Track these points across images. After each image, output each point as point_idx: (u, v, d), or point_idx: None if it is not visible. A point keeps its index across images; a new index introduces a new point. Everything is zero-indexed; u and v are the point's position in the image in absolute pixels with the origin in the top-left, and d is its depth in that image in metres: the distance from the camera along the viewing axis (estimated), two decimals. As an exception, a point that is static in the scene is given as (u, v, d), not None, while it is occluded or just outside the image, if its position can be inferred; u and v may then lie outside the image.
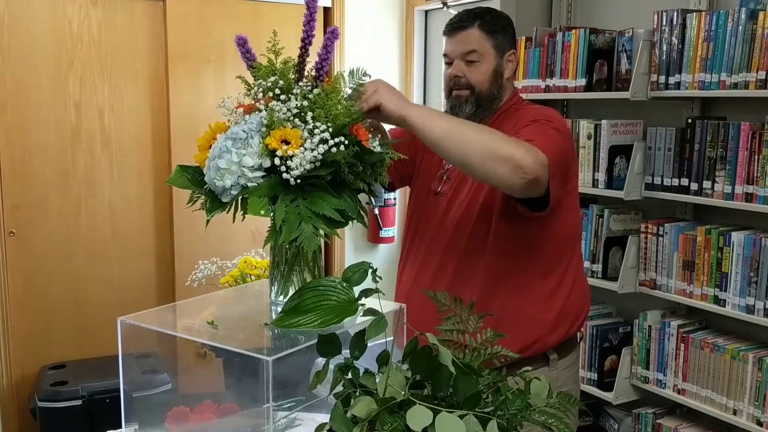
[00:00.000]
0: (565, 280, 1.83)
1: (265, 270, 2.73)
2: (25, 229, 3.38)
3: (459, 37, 1.82)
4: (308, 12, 1.30)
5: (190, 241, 3.66)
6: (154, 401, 1.47)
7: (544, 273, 1.80)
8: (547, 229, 1.78)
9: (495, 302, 1.74)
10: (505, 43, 1.83)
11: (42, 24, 3.34)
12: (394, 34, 4.14)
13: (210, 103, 3.62)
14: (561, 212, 1.77)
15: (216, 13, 3.66)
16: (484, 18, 1.82)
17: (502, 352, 1.10)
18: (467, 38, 1.81)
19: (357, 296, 1.15)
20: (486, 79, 1.81)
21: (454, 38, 1.84)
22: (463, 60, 1.81)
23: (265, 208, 1.18)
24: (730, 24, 2.35)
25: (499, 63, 1.82)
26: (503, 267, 1.77)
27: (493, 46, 1.81)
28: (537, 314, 1.78)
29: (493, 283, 1.77)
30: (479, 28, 1.81)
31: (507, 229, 1.75)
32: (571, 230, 1.86)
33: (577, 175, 1.91)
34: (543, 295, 1.79)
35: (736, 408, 2.41)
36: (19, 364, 3.42)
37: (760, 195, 2.30)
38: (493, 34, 1.81)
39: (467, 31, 1.81)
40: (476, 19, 1.82)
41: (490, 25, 1.82)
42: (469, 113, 1.80)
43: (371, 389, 1.00)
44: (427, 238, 1.87)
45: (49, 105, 3.38)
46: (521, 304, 1.76)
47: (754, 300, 2.34)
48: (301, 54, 1.32)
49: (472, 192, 1.80)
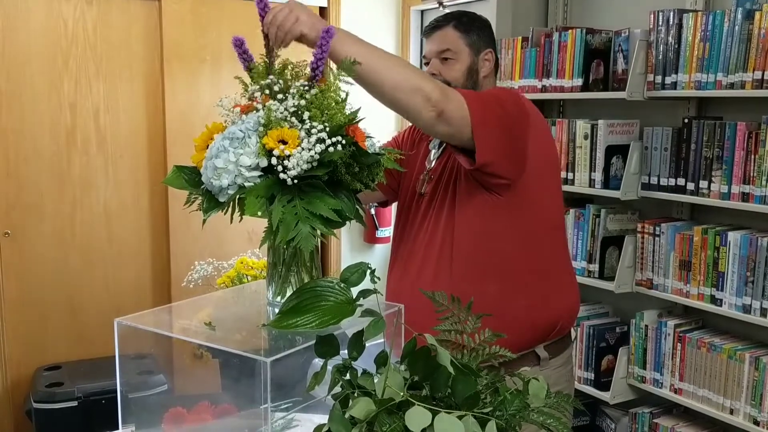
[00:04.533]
0: (551, 277, 1.81)
1: (261, 271, 2.73)
2: (20, 230, 3.37)
3: (435, 37, 1.88)
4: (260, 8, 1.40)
5: (185, 241, 3.66)
6: (151, 402, 1.46)
7: (528, 270, 1.77)
8: (515, 217, 1.76)
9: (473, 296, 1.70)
10: (481, 42, 1.88)
11: (37, 24, 3.33)
12: (390, 33, 4.14)
13: (205, 103, 3.62)
14: (534, 203, 1.77)
15: (211, 13, 3.65)
16: (459, 19, 1.88)
17: (498, 351, 1.10)
18: (443, 38, 1.87)
19: (355, 297, 1.15)
20: (460, 76, 1.85)
21: (430, 38, 1.90)
22: (439, 59, 1.86)
23: (263, 209, 1.18)
24: (726, 24, 2.36)
25: (474, 61, 1.87)
26: (478, 260, 1.76)
27: (468, 45, 1.86)
28: (523, 313, 1.74)
29: (470, 276, 1.74)
30: (454, 28, 1.86)
31: (475, 217, 1.75)
32: (549, 224, 1.84)
33: (556, 172, 1.91)
34: (526, 290, 1.76)
35: (733, 407, 2.41)
36: (15, 366, 3.41)
37: (757, 195, 2.31)
38: (468, 33, 1.86)
39: (443, 31, 1.87)
40: (452, 20, 1.88)
41: (465, 25, 1.87)
42: None
43: (369, 390, 0.99)
44: (411, 238, 1.88)
45: (43, 105, 3.38)
46: (501, 299, 1.72)
47: (750, 299, 2.35)
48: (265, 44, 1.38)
49: (447, 186, 1.81)
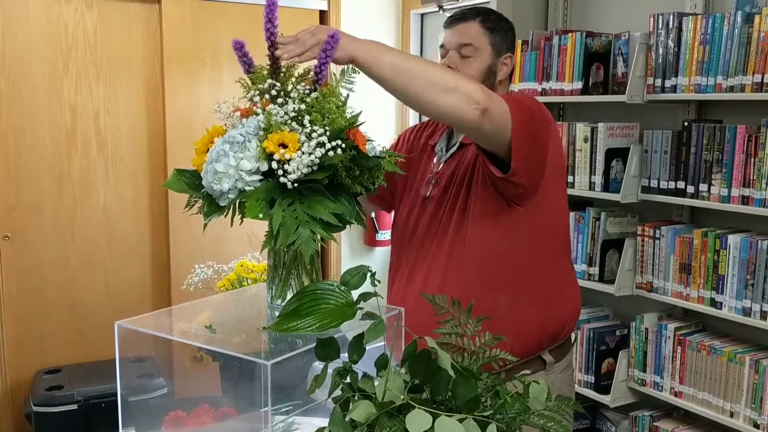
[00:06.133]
0: (557, 283, 1.80)
1: (261, 274, 2.73)
2: (20, 233, 3.37)
3: (458, 29, 1.79)
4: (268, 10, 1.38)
5: (185, 244, 3.66)
6: (151, 406, 1.46)
7: (537, 277, 1.75)
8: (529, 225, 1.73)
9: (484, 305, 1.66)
10: (503, 44, 1.80)
11: (37, 26, 3.33)
12: (390, 37, 4.14)
13: (205, 106, 3.62)
14: (546, 212, 1.74)
15: (211, 16, 3.66)
16: (487, 15, 1.81)
17: (501, 355, 1.10)
18: (466, 31, 1.78)
19: (355, 300, 1.15)
20: (478, 75, 1.76)
21: (453, 29, 1.81)
22: (458, 52, 1.78)
23: (263, 212, 1.18)
24: (726, 27, 2.36)
25: (493, 62, 1.79)
26: (490, 269, 1.73)
27: (491, 44, 1.78)
28: (532, 320, 1.73)
29: (481, 285, 1.71)
30: (480, 24, 1.78)
31: (489, 227, 1.71)
32: (558, 231, 1.82)
33: (565, 179, 1.89)
34: (534, 297, 1.74)
35: (733, 410, 2.41)
36: (14, 369, 3.40)
37: (756, 198, 2.31)
38: (493, 33, 1.78)
39: (467, 23, 1.79)
40: (479, 15, 1.80)
41: (492, 23, 1.80)
42: None
43: (370, 393, 0.99)
44: (417, 243, 1.83)
45: (44, 108, 3.38)
46: (512, 307, 1.71)
47: (750, 302, 2.35)
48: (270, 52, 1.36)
49: (458, 192, 1.76)
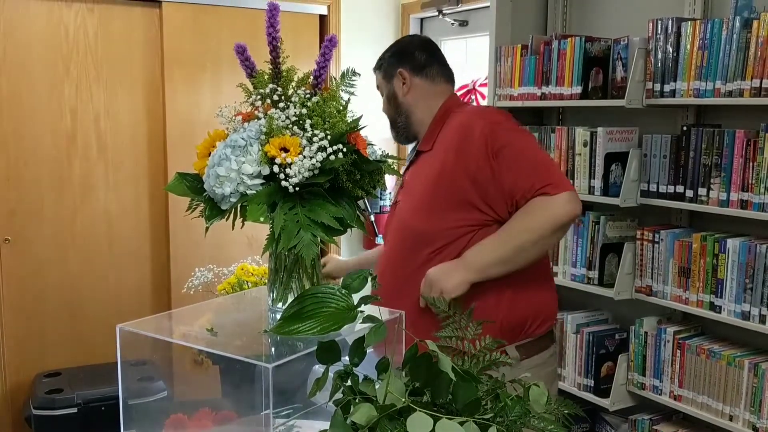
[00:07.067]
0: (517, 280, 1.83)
1: (261, 277, 2.73)
2: (20, 236, 3.38)
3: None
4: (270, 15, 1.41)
5: (185, 247, 3.66)
6: (151, 409, 1.47)
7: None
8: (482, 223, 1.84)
9: None
10: (389, 68, 2.04)
11: (38, 30, 3.34)
12: (390, 42, 4.13)
13: (206, 110, 3.63)
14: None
15: (212, 20, 3.67)
16: (379, 62, 2.08)
17: (501, 359, 1.10)
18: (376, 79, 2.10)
19: (356, 303, 1.15)
20: (387, 107, 2.06)
21: None
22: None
23: (264, 216, 1.18)
24: (724, 32, 2.37)
25: (389, 89, 2.04)
26: (445, 253, 1.84)
27: (383, 78, 2.05)
28: (484, 313, 1.73)
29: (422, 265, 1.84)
30: (376, 71, 2.08)
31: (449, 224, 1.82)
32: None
33: None
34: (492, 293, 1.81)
35: (732, 414, 2.41)
36: (14, 372, 3.40)
37: (755, 202, 2.31)
38: (380, 68, 2.06)
39: (375, 75, 2.10)
40: (377, 66, 2.09)
41: (378, 63, 2.08)
42: (397, 140, 2.09)
43: (371, 396, 1.00)
44: (389, 245, 1.98)
45: (44, 111, 3.38)
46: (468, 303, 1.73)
47: (749, 306, 2.35)
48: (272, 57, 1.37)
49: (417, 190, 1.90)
